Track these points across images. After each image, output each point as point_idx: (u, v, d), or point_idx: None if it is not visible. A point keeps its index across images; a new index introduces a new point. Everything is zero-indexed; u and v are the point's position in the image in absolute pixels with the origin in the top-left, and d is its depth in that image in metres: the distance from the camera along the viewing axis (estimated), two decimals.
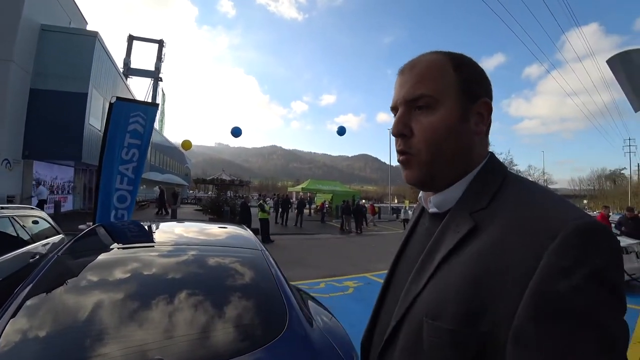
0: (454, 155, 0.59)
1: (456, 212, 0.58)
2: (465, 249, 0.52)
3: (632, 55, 2.63)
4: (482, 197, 0.56)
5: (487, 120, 0.60)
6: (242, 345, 1.25)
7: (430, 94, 0.58)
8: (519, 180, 0.58)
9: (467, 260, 0.50)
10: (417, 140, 0.60)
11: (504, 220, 0.50)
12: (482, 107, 0.60)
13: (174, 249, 1.93)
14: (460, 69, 0.60)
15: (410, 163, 0.61)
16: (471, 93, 0.59)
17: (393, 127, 0.63)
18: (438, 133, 0.58)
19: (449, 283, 0.51)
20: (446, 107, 0.58)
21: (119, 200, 4.82)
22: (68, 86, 12.01)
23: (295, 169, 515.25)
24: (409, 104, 0.61)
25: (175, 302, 1.40)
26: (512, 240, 0.47)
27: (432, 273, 0.55)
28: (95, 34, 13.11)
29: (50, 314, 1.31)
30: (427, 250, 0.59)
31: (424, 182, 0.62)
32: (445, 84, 0.59)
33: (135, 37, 32.82)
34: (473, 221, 0.53)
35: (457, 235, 0.54)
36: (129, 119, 4.86)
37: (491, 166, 0.61)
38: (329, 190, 25.17)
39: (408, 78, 0.61)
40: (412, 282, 0.59)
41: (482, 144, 0.62)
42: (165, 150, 30.04)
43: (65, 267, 1.71)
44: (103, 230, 2.42)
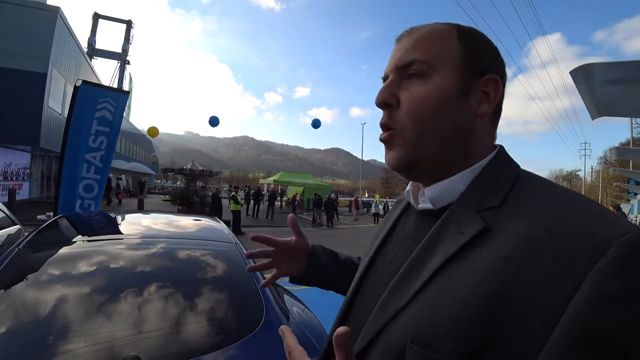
0: (446, 135, 0.49)
1: (459, 208, 0.47)
2: (471, 256, 0.41)
3: (592, 68, 2.81)
4: (493, 193, 0.45)
5: (493, 101, 0.50)
6: (219, 339, 1.25)
7: (425, 60, 0.49)
8: (537, 177, 0.48)
9: (475, 273, 0.39)
10: (402, 113, 0.50)
11: (525, 224, 0.39)
12: (489, 85, 0.50)
13: (145, 242, 1.88)
14: (466, 39, 0.51)
15: (394, 140, 0.51)
16: (476, 67, 0.50)
17: (377, 95, 0.53)
18: (428, 105, 0.48)
19: (448, 300, 0.39)
20: (442, 76, 0.49)
21: (85, 189, 4.59)
22: (25, 65, 11.21)
23: (267, 161, 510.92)
24: (400, 71, 0.52)
25: (148, 298, 1.37)
26: (539, 252, 0.36)
27: (423, 285, 0.43)
28: (57, 9, 12.29)
29: (13, 312, 1.24)
30: (416, 255, 0.47)
31: (409, 165, 0.51)
32: (445, 52, 0.50)
33: (101, 16, 31.01)
34: (483, 221, 0.42)
35: (460, 237, 0.43)
36: (97, 104, 4.62)
37: (503, 159, 0.51)
38: (300, 183, 25.16)
39: (404, 44, 0.53)
40: (391, 294, 0.47)
41: (486, 131, 0.52)
42: (131, 137, 28.79)
43: (27, 260, 1.62)
44: (67, 221, 2.31)
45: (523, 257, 0.37)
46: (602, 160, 54.37)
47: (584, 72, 2.88)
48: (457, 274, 0.41)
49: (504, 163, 0.50)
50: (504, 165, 0.50)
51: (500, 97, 0.51)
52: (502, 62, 0.53)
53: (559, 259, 0.35)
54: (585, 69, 2.87)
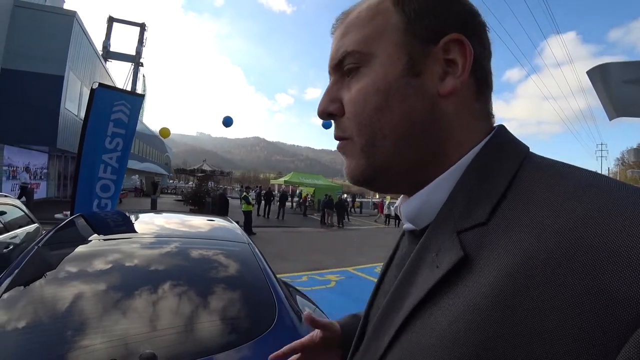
0: (401, 132, 0.37)
1: (438, 229, 0.35)
2: (445, 299, 0.30)
3: (610, 68, 2.76)
4: (478, 203, 0.33)
5: (463, 70, 0.36)
6: (232, 338, 1.26)
7: (355, 48, 0.38)
8: (542, 167, 0.33)
9: (447, 324, 0.29)
10: (346, 119, 0.40)
11: (517, 251, 0.26)
12: (452, 49, 0.37)
13: (160, 241, 1.91)
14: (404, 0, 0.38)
15: (346, 151, 0.41)
16: (424, 29, 0.37)
17: (319, 106, 0.42)
18: (369, 102, 0.37)
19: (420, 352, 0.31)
20: (380, 60, 0.37)
21: (102, 189, 4.72)
22: (43, 67, 11.47)
23: (278, 162, 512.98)
24: (337, 70, 0.42)
25: (163, 296, 1.40)
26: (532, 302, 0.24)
27: (395, 333, 0.34)
28: (73, 13, 12.55)
29: (33, 308, 1.28)
30: (393, 293, 0.38)
31: (367, 177, 0.40)
32: (378, 28, 0.38)
33: (115, 19, 31.58)
34: (461, 249, 0.31)
35: (436, 272, 0.32)
36: (112, 107, 4.74)
37: (497, 147, 0.37)
38: (311, 184, 25.19)
39: (336, 35, 0.42)
40: (372, 338, 0.40)
41: (466, 112, 0.38)
42: (144, 138, 29.24)
43: (46, 258, 1.67)
44: (85, 220, 2.36)
45: (507, 307, 0.25)
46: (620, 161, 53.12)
47: (601, 71, 2.82)
48: (428, 322, 0.31)
49: (499, 153, 0.36)
50: (499, 156, 0.35)
51: (474, 60, 0.37)
52: (467, 11, 0.39)
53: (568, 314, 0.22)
54: (603, 68, 2.82)
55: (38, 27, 11.58)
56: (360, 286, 5.72)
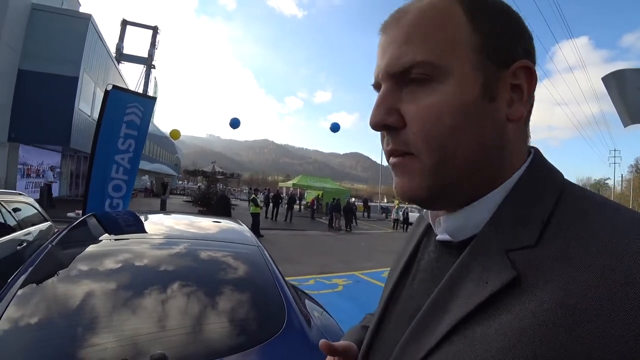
0: (475, 155, 0.37)
1: (483, 246, 0.36)
2: (493, 317, 0.31)
3: (626, 74, 2.72)
4: (526, 226, 0.34)
5: (527, 97, 0.37)
6: (242, 341, 1.26)
7: (427, 59, 0.36)
8: (588, 197, 0.35)
9: (499, 338, 0.29)
10: (412, 134, 0.37)
11: (566, 275, 0.28)
12: (521, 75, 0.37)
13: (171, 242, 1.93)
14: (478, 15, 0.37)
15: (407, 168, 0.39)
16: (499, 52, 0.37)
17: (371, 116, 0.40)
18: (443, 121, 0.36)
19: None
20: (456, 77, 0.36)
21: (115, 189, 4.83)
22: (58, 69, 11.72)
23: (286, 164, 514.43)
24: (395, 78, 0.39)
25: (175, 297, 1.41)
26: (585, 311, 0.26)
27: (437, 344, 0.35)
28: (89, 16, 12.81)
29: (47, 306, 1.29)
30: (432, 303, 0.38)
31: (428, 199, 0.39)
32: (452, 41, 0.36)
33: (129, 22, 32.14)
34: (513, 268, 0.31)
35: (484, 288, 0.32)
36: (126, 109, 4.84)
37: (539, 171, 0.38)
38: (319, 187, 25.18)
39: (394, 36, 0.39)
40: (407, 343, 0.39)
41: (521, 137, 0.39)
42: (155, 139, 29.63)
43: (59, 257, 1.69)
44: (97, 219, 2.40)
45: (563, 323, 0.26)
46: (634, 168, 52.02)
47: (616, 78, 2.78)
48: (477, 336, 0.31)
49: (541, 177, 0.37)
50: (541, 180, 0.37)
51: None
52: (529, 37, 0.39)
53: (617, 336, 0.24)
54: (618, 74, 2.77)
55: (54, 29, 11.85)
56: (367, 291, 5.68)
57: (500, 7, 0.38)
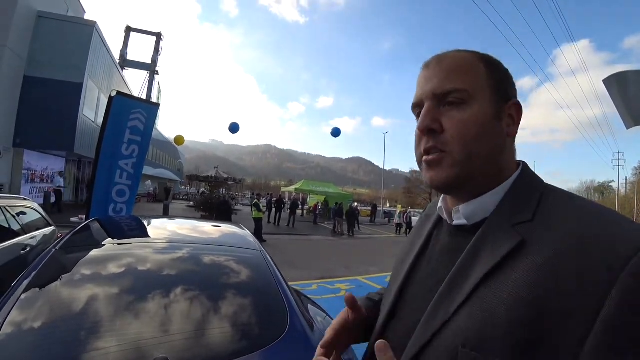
0: (488, 155, 0.54)
1: (494, 223, 0.52)
2: (511, 268, 0.45)
3: (627, 76, 2.70)
4: (524, 208, 0.50)
5: (517, 123, 0.58)
6: (244, 345, 1.26)
7: (464, 88, 0.54)
8: (561, 191, 0.53)
9: (517, 282, 0.43)
10: (449, 137, 0.54)
11: (558, 236, 0.44)
12: (514, 109, 0.57)
13: (174, 247, 1.93)
14: (492, 68, 0.57)
15: (441, 162, 0.55)
16: (503, 93, 0.57)
17: (420, 122, 0.56)
18: (473, 130, 0.53)
19: (494, 308, 0.44)
20: (480, 103, 0.54)
21: (118, 194, 4.86)
22: (63, 75, 11.83)
23: (289, 169, 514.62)
24: (438, 98, 0.56)
25: (176, 301, 1.40)
26: (573, 261, 0.41)
27: (468, 296, 0.48)
28: (94, 23, 12.95)
29: (50, 310, 1.30)
30: (458, 269, 0.52)
31: (455, 184, 0.55)
32: (478, 81, 0.55)
33: (133, 29, 32.48)
34: (519, 235, 0.47)
35: (499, 251, 0.47)
36: (130, 115, 4.87)
37: (528, 175, 0.57)
38: (322, 192, 25.17)
39: (436, 72, 0.57)
40: (437, 306, 0.51)
41: (512, 149, 0.58)
42: (158, 144, 29.75)
43: (63, 261, 1.70)
44: (100, 224, 2.41)
45: (559, 267, 0.42)
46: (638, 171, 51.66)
47: (618, 80, 2.77)
48: (500, 283, 0.45)
49: (530, 180, 0.56)
50: (530, 181, 0.55)
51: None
52: (516, 88, 0.61)
53: (591, 267, 0.40)
54: (620, 76, 2.76)
55: (59, 36, 11.99)
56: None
57: (501, 64, 0.60)
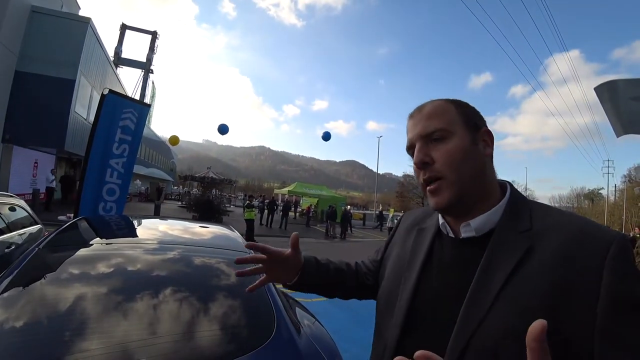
0: (473, 174, 0.67)
1: (504, 232, 0.64)
2: (526, 266, 0.58)
3: (618, 84, 2.74)
4: (522, 219, 0.64)
5: (491, 145, 0.72)
6: (229, 349, 1.23)
7: (443, 127, 0.68)
8: (542, 205, 0.69)
9: (536, 274, 0.56)
10: (439, 165, 0.67)
11: (555, 238, 0.59)
12: (485, 135, 0.71)
13: (160, 248, 1.89)
14: (460, 107, 0.72)
15: (441, 188, 0.67)
16: (474, 124, 0.71)
17: (415, 158, 0.70)
18: (457, 156, 0.67)
19: (525, 298, 0.55)
20: (458, 135, 0.68)
21: (108, 193, 4.84)
22: (55, 71, 11.65)
23: (283, 171, 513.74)
24: (425, 138, 0.70)
25: (161, 304, 1.38)
26: (572, 253, 0.56)
27: (496, 296, 0.58)
28: (88, 20, 12.79)
29: (29, 311, 1.26)
30: (481, 274, 0.62)
31: (455, 203, 0.67)
32: (452, 119, 0.69)
33: (128, 27, 32.23)
34: (527, 240, 0.61)
35: (515, 254, 0.60)
36: (121, 114, 4.85)
37: (517, 193, 0.71)
38: (315, 195, 25.15)
39: (419, 118, 0.72)
40: (468, 310, 0.60)
41: (492, 168, 0.72)
42: (151, 143, 29.50)
43: (47, 260, 1.66)
44: (87, 223, 2.36)
45: (564, 260, 0.56)
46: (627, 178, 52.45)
47: (609, 88, 2.80)
48: (523, 280, 0.57)
49: (519, 197, 0.71)
50: (520, 198, 0.70)
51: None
52: (484, 120, 0.74)
53: (586, 256, 0.55)
54: (611, 85, 2.80)
55: (53, 32, 11.82)
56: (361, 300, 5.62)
57: (468, 104, 0.74)
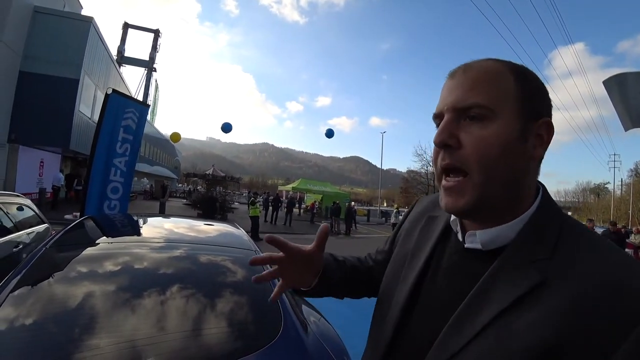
0: (508, 179, 0.49)
1: (512, 258, 0.49)
2: (529, 307, 0.43)
3: (627, 78, 2.69)
4: (542, 244, 0.47)
5: (546, 144, 0.52)
6: (236, 348, 1.23)
7: (486, 104, 0.49)
8: (580, 227, 0.50)
9: (533, 323, 0.42)
10: (467, 154, 0.49)
11: (578, 282, 0.42)
12: (544, 128, 0.51)
13: (168, 246, 1.90)
14: (523, 81, 0.51)
15: (461, 188, 0.51)
16: (533, 109, 0.50)
17: (436, 136, 0.52)
18: (493, 149, 0.48)
19: (506, 348, 0.42)
20: (503, 120, 0.49)
21: (113, 191, 5.01)
22: (59, 71, 11.72)
23: (286, 168, 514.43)
24: (458, 112, 0.51)
25: (169, 303, 1.38)
26: (592, 310, 0.40)
27: (479, 331, 0.45)
28: (91, 19, 12.82)
29: (40, 309, 1.27)
30: (471, 300, 0.49)
31: (473, 211, 0.51)
32: (504, 94, 0.49)
33: (130, 25, 32.25)
34: (538, 274, 0.45)
35: (516, 289, 0.45)
36: (124, 113, 4.99)
37: (547, 204, 0.53)
38: (319, 191, 25.16)
39: (460, 82, 0.52)
40: (446, 337, 0.49)
41: (535, 173, 0.53)
42: (155, 141, 29.59)
43: (54, 259, 1.66)
44: (94, 222, 2.37)
45: (578, 313, 0.40)
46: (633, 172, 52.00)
47: (618, 81, 2.76)
48: (516, 322, 0.43)
49: (549, 210, 0.52)
50: (550, 212, 0.52)
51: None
52: (550, 104, 0.54)
53: (611, 316, 0.39)
54: (620, 78, 2.75)
55: (56, 32, 11.86)
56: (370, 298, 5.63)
57: (534, 77, 0.53)
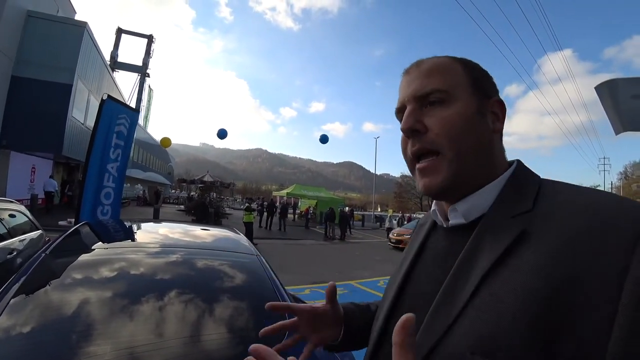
0: (477, 149, 0.53)
1: (493, 216, 0.50)
2: (515, 259, 0.42)
3: (618, 83, 2.78)
4: (522, 200, 0.49)
5: (502, 120, 0.57)
6: (240, 351, 1.23)
7: (444, 88, 0.54)
8: (558, 182, 0.51)
9: (526, 272, 0.40)
10: (435, 134, 0.53)
11: (564, 221, 0.42)
12: (496, 106, 0.57)
13: (169, 251, 1.89)
14: (470, 68, 0.57)
15: (435, 166, 0.53)
16: (483, 90, 0.56)
17: (403, 123, 0.55)
18: (458, 125, 0.52)
19: (504, 304, 0.40)
20: (461, 101, 0.53)
21: (106, 197, 5.09)
22: (52, 76, 11.66)
23: (280, 173, 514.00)
24: (418, 100, 0.55)
25: (173, 309, 1.37)
26: (585, 246, 0.38)
27: (472, 294, 0.43)
28: (84, 24, 12.81)
29: (40, 315, 1.25)
30: (458, 266, 0.48)
31: (451, 185, 0.53)
32: (457, 80, 0.55)
33: (124, 31, 32.22)
34: (520, 225, 0.45)
35: (500, 243, 0.45)
36: (116, 120, 5.10)
37: (524, 170, 0.56)
38: (313, 196, 25.14)
39: (416, 75, 0.57)
40: (438, 308, 0.47)
41: (501, 146, 0.58)
42: (148, 147, 29.40)
43: (53, 266, 1.64)
44: (91, 228, 2.35)
45: (572, 252, 0.39)
46: (623, 175, 52.87)
47: (609, 87, 2.84)
48: (508, 275, 0.42)
49: (526, 173, 0.55)
50: (527, 174, 0.54)
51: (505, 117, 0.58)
52: (497, 87, 0.60)
53: (605, 249, 0.37)
54: (611, 84, 2.83)
55: (49, 36, 11.82)
56: (363, 300, 5.64)
57: (478, 65, 0.59)
